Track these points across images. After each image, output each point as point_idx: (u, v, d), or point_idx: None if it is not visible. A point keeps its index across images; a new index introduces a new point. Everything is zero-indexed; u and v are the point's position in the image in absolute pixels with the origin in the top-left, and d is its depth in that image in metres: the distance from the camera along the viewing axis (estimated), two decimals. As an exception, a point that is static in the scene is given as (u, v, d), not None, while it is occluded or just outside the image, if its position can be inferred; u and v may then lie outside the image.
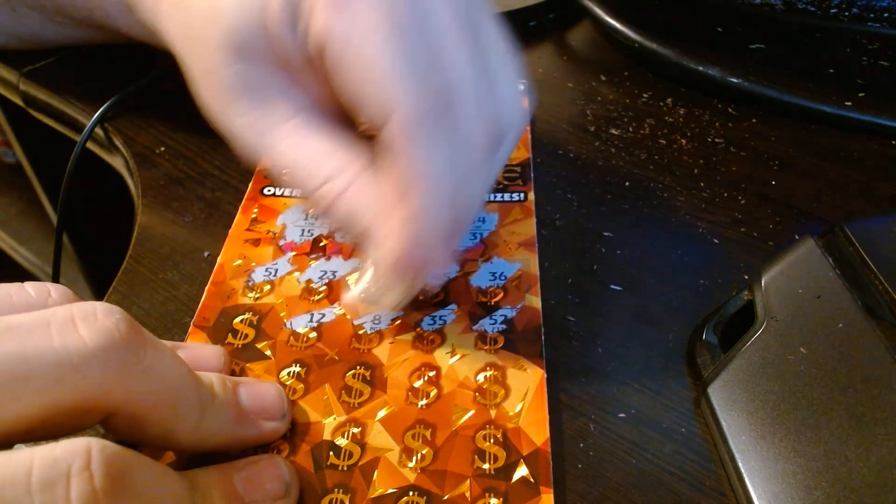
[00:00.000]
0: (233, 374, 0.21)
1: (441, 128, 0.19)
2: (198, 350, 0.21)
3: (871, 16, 0.37)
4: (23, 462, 0.13)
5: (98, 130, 0.31)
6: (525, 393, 0.20)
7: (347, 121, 0.22)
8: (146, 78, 0.33)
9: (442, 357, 0.21)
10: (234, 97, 0.21)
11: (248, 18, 0.20)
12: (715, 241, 0.26)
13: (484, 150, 0.20)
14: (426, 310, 0.23)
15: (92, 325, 0.15)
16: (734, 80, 0.33)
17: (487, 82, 0.20)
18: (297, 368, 0.21)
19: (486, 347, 0.21)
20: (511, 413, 0.20)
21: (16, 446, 0.14)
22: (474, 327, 0.22)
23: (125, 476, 0.13)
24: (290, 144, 0.21)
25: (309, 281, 0.24)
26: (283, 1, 0.19)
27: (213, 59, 0.21)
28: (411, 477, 0.18)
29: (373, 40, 0.18)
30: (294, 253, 0.25)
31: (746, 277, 0.24)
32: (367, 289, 0.22)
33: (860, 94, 0.33)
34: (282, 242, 0.25)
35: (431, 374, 0.21)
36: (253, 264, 0.24)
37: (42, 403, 0.14)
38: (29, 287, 0.17)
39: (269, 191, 0.27)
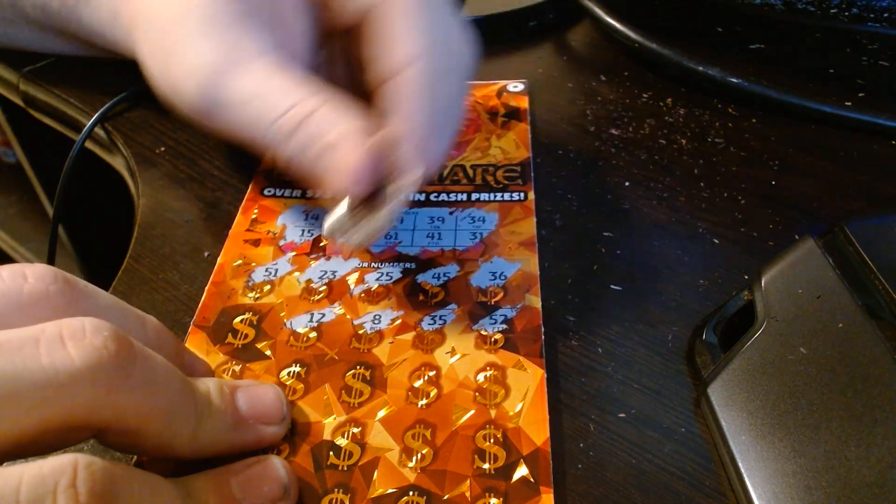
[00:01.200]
0: (233, 374, 0.21)
1: (448, 80, 0.23)
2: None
3: (871, 16, 0.37)
4: (12, 479, 0.13)
5: (98, 130, 0.31)
6: (525, 393, 0.20)
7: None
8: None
9: (442, 357, 0.21)
10: (205, 32, 0.22)
11: None
12: (715, 241, 0.26)
13: (462, 94, 0.24)
14: (426, 310, 0.23)
15: (80, 343, 0.14)
16: (734, 80, 0.33)
17: (462, 41, 0.24)
18: (297, 368, 0.21)
19: (486, 347, 0.21)
20: (511, 413, 0.20)
21: (5, 463, 0.14)
22: (474, 327, 0.22)
23: (112, 492, 0.13)
24: (260, 76, 0.22)
25: (309, 281, 0.24)
26: None
27: (183, 3, 0.22)
28: (411, 477, 0.18)
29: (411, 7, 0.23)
30: (294, 253, 0.25)
31: (746, 277, 0.24)
32: (338, 219, 0.22)
33: (860, 94, 0.33)
34: (282, 242, 0.25)
35: (431, 373, 0.21)
36: (253, 264, 0.24)
37: (30, 422, 0.14)
38: (3, 271, 0.16)
39: (269, 191, 0.27)
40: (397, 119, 0.22)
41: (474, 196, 0.27)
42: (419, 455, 0.19)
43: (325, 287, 0.23)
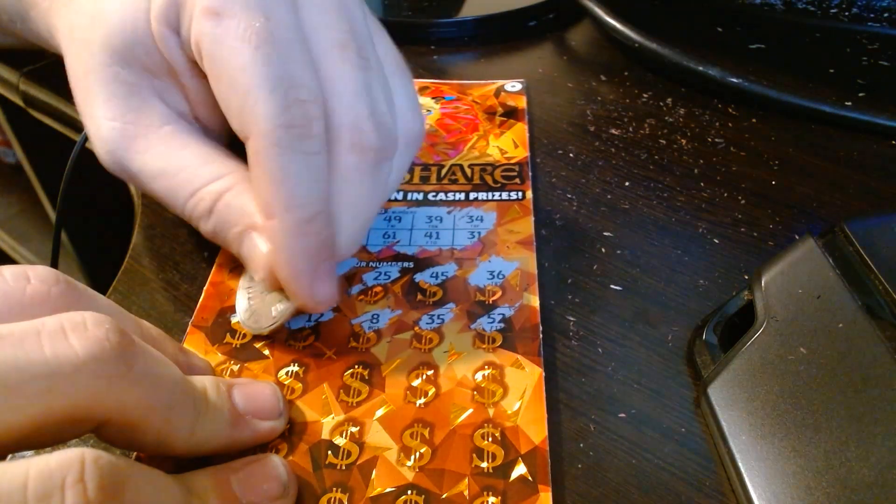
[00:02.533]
0: (231, 374, 0.21)
1: (304, 142, 0.19)
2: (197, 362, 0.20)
3: (871, 16, 0.37)
4: (19, 474, 0.13)
5: (98, 130, 0.31)
6: (523, 391, 0.20)
7: (230, 136, 0.23)
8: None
9: (440, 356, 0.21)
10: (105, 99, 0.21)
11: (129, 22, 0.21)
12: (715, 241, 0.26)
13: (365, 164, 0.20)
14: (424, 309, 0.23)
15: (82, 335, 0.15)
16: (734, 80, 0.33)
17: (370, 98, 0.21)
18: (296, 368, 0.21)
19: (484, 346, 0.21)
20: (509, 412, 0.20)
21: (9, 456, 0.14)
22: (472, 326, 0.22)
23: (119, 486, 0.13)
24: (164, 150, 0.21)
25: (308, 280, 0.24)
26: (166, 6, 0.20)
27: (92, 60, 0.21)
28: (410, 476, 0.18)
29: (242, 51, 0.19)
30: (293, 252, 0.25)
31: (746, 277, 0.24)
32: (247, 306, 0.22)
33: (860, 94, 0.33)
34: (281, 242, 0.25)
35: (429, 372, 0.21)
36: (252, 263, 0.24)
37: (33, 413, 0.14)
38: (6, 272, 0.16)
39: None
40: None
41: (472, 195, 0.27)
42: (417, 454, 0.19)
43: (323, 286, 0.23)
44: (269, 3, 0.19)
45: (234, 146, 0.22)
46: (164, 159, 0.21)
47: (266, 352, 0.21)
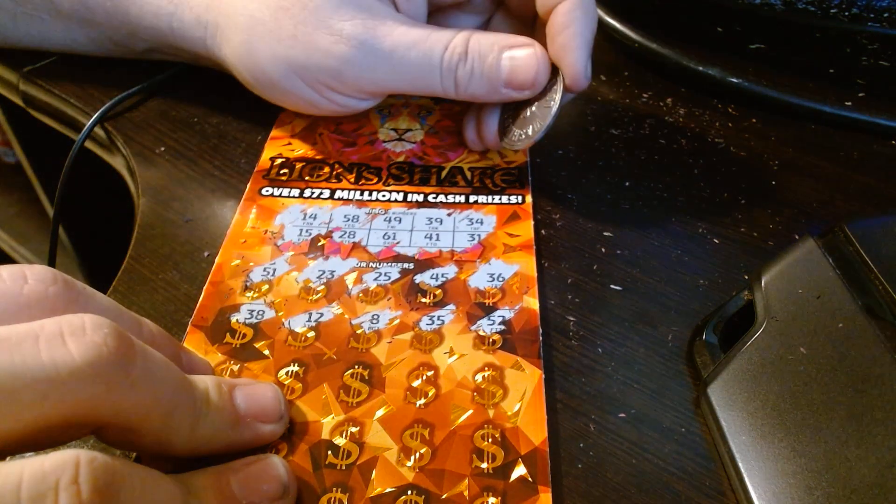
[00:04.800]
0: (231, 374, 0.21)
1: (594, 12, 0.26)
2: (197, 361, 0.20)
3: (871, 16, 0.37)
4: (13, 475, 0.13)
5: (98, 130, 0.31)
6: (523, 393, 0.20)
7: None
8: (147, 79, 0.33)
9: (440, 357, 0.21)
10: (335, 8, 0.24)
11: None
12: (715, 241, 0.26)
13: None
14: (424, 310, 0.23)
15: (80, 340, 0.14)
16: (734, 80, 0.32)
17: None
18: (296, 368, 0.21)
19: (484, 348, 0.21)
20: (509, 413, 0.20)
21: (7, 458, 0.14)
22: (472, 328, 0.22)
23: (113, 487, 0.13)
24: (406, 28, 0.25)
25: (307, 280, 0.24)
26: None
27: None
28: (410, 476, 0.18)
29: None
30: (292, 253, 0.25)
31: (746, 277, 0.24)
32: (508, 124, 0.27)
33: (860, 94, 0.33)
34: (280, 242, 0.25)
35: (430, 373, 0.21)
36: (251, 264, 0.24)
37: (30, 418, 0.14)
38: (3, 272, 0.16)
39: (267, 191, 0.27)
40: (564, 37, 0.25)
41: (472, 198, 0.27)
42: (417, 454, 0.19)
43: (323, 287, 0.23)
44: None
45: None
46: (410, 33, 0.25)
47: (266, 352, 0.21)
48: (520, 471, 0.18)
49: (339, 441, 0.19)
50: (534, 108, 0.26)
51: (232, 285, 0.23)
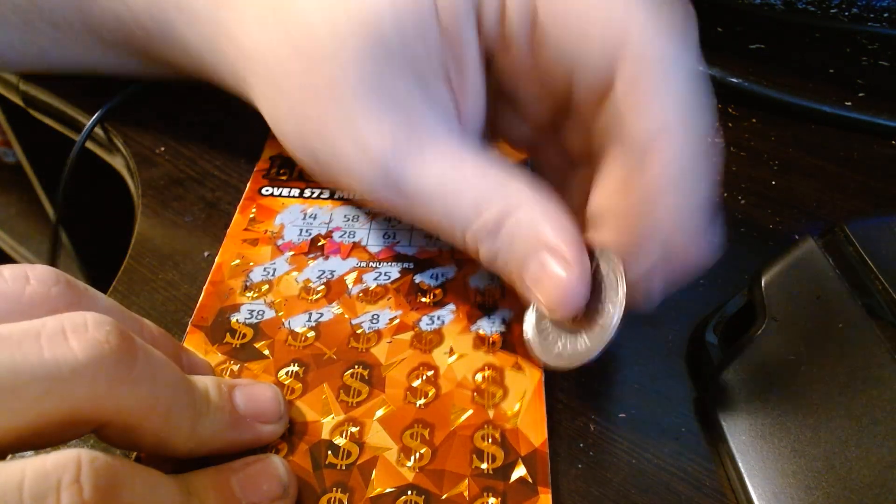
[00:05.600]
0: (231, 374, 0.21)
1: (685, 60, 0.17)
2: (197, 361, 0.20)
3: (871, 16, 0.37)
4: (15, 474, 0.13)
5: (98, 130, 0.31)
6: (523, 394, 0.20)
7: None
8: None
9: (440, 357, 0.21)
10: (370, 111, 0.18)
11: (406, 16, 0.18)
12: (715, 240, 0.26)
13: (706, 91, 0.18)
14: (424, 310, 0.23)
15: (82, 337, 0.14)
16: (734, 80, 0.32)
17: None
18: (296, 368, 0.21)
19: (484, 348, 0.21)
20: (509, 413, 0.20)
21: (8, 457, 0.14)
22: (472, 328, 0.22)
23: (115, 487, 0.13)
24: (444, 165, 0.19)
25: (307, 280, 0.24)
26: None
27: (344, 71, 0.18)
28: (410, 476, 0.18)
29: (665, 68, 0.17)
30: (292, 252, 0.25)
31: (746, 277, 0.24)
32: (547, 339, 0.19)
33: (860, 95, 0.33)
34: (280, 242, 0.25)
35: (429, 373, 0.21)
36: (251, 264, 0.24)
37: (32, 416, 0.14)
38: (5, 271, 0.16)
39: (267, 191, 0.27)
40: (644, 214, 0.17)
41: None
42: (417, 454, 0.19)
43: (323, 286, 0.23)
44: None
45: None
46: (443, 176, 0.19)
47: (266, 352, 0.21)
48: (520, 471, 0.18)
49: (339, 441, 0.19)
50: (583, 316, 0.19)
51: (232, 285, 0.23)
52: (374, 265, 0.24)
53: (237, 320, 0.22)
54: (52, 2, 0.26)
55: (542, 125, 0.22)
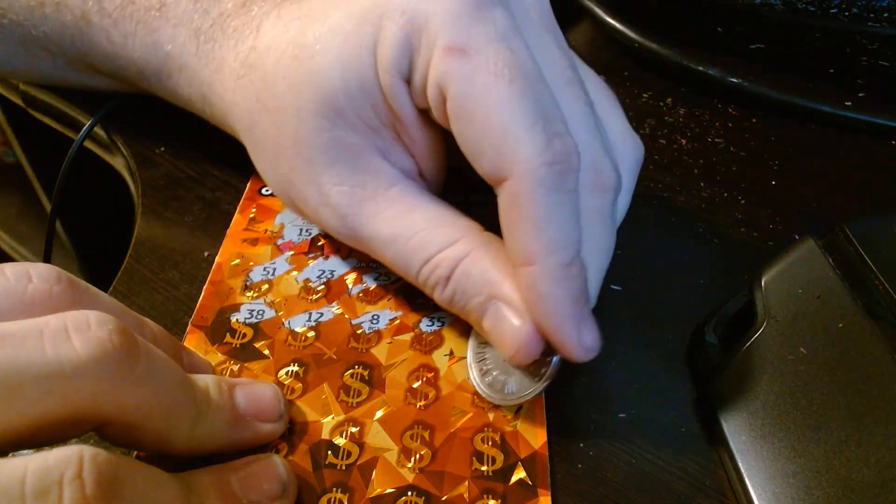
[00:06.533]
0: (231, 374, 0.21)
1: (566, 179, 0.18)
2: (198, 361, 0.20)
3: (871, 16, 0.37)
4: (17, 470, 0.13)
5: (98, 130, 0.31)
6: (524, 393, 0.20)
7: (445, 189, 0.22)
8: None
9: (440, 359, 0.21)
10: (327, 165, 0.20)
11: (354, 80, 0.19)
12: (715, 241, 0.26)
13: (606, 205, 0.19)
14: (425, 311, 0.23)
15: (85, 336, 0.14)
16: (734, 80, 0.32)
17: (601, 135, 0.20)
18: (296, 368, 0.21)
19: (485, 347, 0.21)
20: (509, 416, 0.20)
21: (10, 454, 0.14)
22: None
23: (117, 483, 0.13)
24: (394, 213, 0.20)
25: (307, 280, 0.24)
26: (397, 53, 0.19)
27: (304, 127, 0.20)
28: (410, 477, 0.18)
29: (496, 87, 0.18)
30: (292, 252, 0.25)
31: (746, 277, 0.24)
32: (492, 377, 0.20)
33: (860, 95, 0.33)
34: (280, 242, 0.25)
35: (430, 375, 0.21)
36: (251, 264, 0.24)
37: (34, 413, 0.14)
38: (7, 270, 0.16)
39: (267, 190, 0.27)
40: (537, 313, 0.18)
41: (472, 197, 0.27)
42: (417, 455, 0.19)
43: (323, 286, 0.23)
44: (508, 36, 0.18)
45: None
46: (395, 223, 0.20)
47: (266, 352, 0.21)
48: (519, 474, 0.18)
49: (339, 441, 0.19)
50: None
51: (232, 285, 0.23)
52: (374, 265, 0.24)
53: (237, 320, 0.22)
54: (49, 32, 0.27)
55: None
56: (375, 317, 0.22)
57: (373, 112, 0.20)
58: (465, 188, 0.23)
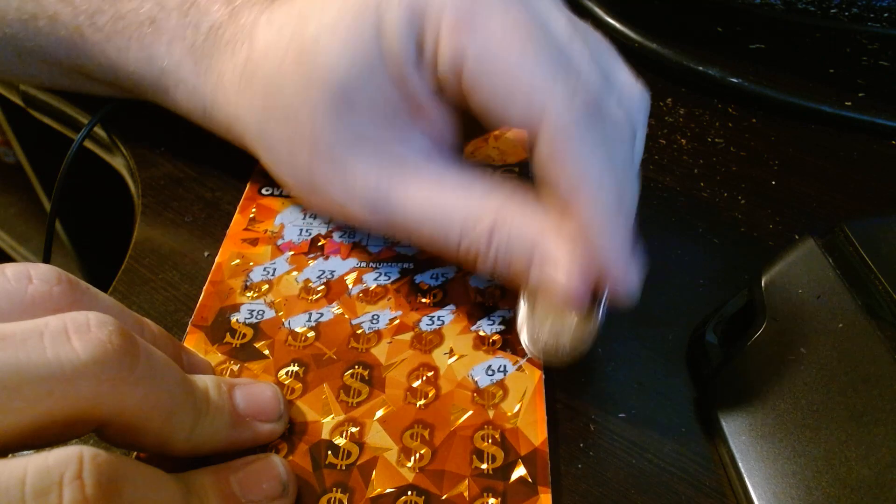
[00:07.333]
0: (231, 374, 0.21)
1: (595, 125, 0.18)
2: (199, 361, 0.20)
3: (871, 16, 0.37)
4: (17, 470, 0.13)
5: (98, 130, 0.31)
6: (523, 394, 0.20)
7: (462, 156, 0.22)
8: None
9: (440, 357, 0.21)
10: (349, 159, 0.20)
11: (359, 72, 0.20)
12: (715, 241, 0.26)
13: (628, 144, 0.20)
14: (424, 310, 0.23)
15: (85, 337, 0.14)
16: (734, 80, 0.32)
17: (607, 77, 0.20)
18: (296, 368, 0.21)
19: (484, 348, 0.21)
20: (509, 413, 0.20)
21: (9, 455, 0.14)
22: (472, 328, 0.22)
23: (116, 484, 0.13)
24: (424, 193, 0.20)
25: (307, 280, 0.24)
26: (404, 39, 0.19)
27: (318, 127, 0.20)
28: (410, 476, 0.18)
29: (511, 49, 0.18)
30: (292, 252, 0.25)
31: (746, 277, 0.24)
32: (539, 335, 0.20)
33: (860, 95, 0.33)
34: (280, 242, 0.25)
35: (430, 374, 0.21)
36: (251, 264, 0.24)
37: (34, 414, 0.14)
38: (8, 270, 0.16)
39: (267, 190, 0.27)
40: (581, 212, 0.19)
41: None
42: (417, 455, 0.19)
43: (323, 286, 0.23)
44: None
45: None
46: (425, 203, 0.20)
47: (266, 352, 0.21)
48: (520, 472, 0.18)
49: (339, 441, 0.19)
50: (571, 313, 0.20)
51: (232, 285, 0.23)
52: (374, 265, 0.24)
53: (237, 320, 0.22)
54: (43, 44, 0.27)
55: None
56: (375, 317, 0.22)
57: (384, 100, 0.20)
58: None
